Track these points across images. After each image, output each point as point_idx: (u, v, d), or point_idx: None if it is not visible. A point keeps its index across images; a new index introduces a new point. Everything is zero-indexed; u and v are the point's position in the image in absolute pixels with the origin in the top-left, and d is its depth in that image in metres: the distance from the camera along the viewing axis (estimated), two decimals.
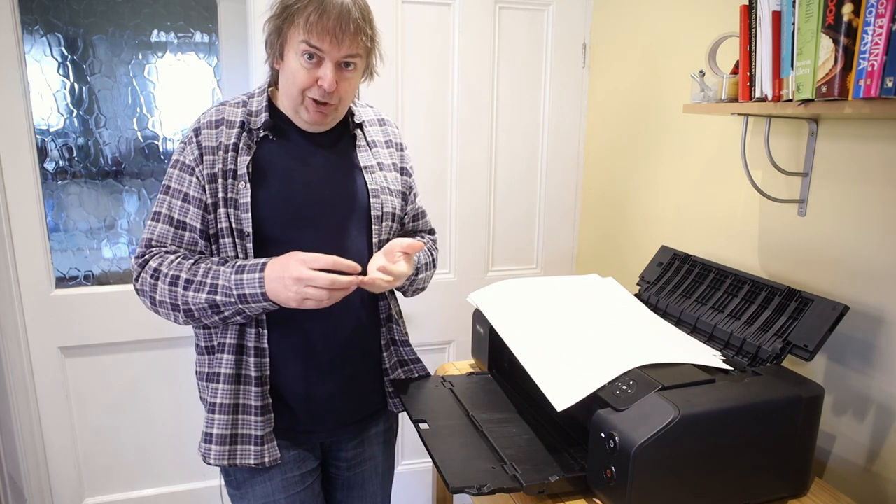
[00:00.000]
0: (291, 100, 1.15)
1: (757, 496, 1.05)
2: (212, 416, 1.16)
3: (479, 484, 0.99)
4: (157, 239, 1.15)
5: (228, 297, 1.08)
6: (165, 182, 1.17)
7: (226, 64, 1.94)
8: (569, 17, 2.08)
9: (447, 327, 2.18)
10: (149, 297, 1.12)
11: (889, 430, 1.16)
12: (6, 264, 1.79)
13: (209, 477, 2.11)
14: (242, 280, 1.07)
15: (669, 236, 1.78)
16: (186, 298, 1.09)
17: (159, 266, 1.11)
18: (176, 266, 1.11)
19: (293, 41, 1.10)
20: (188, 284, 1.09)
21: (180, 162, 1.16)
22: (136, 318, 1.93)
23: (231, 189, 1.14)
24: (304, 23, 1.07)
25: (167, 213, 1.15)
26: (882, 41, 0.91)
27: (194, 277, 1.09)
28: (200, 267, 1.11)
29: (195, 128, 1.17)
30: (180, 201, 1.15)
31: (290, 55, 1.11)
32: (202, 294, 1.08)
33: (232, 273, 1.08)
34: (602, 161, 2.11)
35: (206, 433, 1.17)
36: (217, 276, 1.09)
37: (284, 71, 1.14)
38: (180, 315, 1.11)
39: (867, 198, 1.19)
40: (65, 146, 1.85)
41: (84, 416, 1.97)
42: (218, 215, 1.14)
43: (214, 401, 1.16)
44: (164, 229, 1.15)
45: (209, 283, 1.09)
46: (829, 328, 1.10)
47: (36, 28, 1.77)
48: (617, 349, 1.14)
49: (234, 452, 1.17)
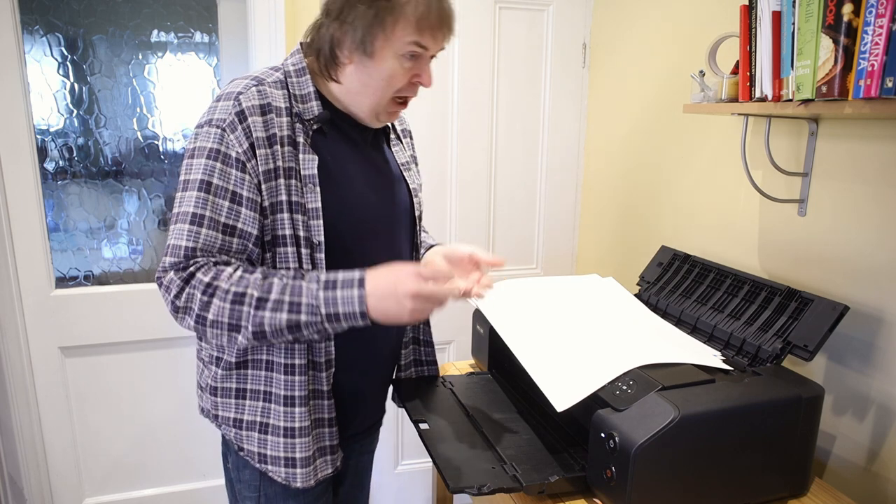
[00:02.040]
0: (375, 101, 1.03)
1: (757, 496, 1.05)
2: (291, 441, 1.05)
3: (479, 484, 0.99)
4: (202, 247, 0.95)
5: (314, 315, 0.93)
6: (200, 177, 0.96)
7: (226, 64, 1.94)
8: (569, 17, 2.08)
9: (447, 327, 2.18)
10: (196, 315, 0.94)
11: (889, 430, 1.16)
12: (6, 264, 1.79)
13: (209, 477, 2.11)
14: (336, 298, 0.92)
15: (669, 236, 1.78)
16: (260, 319, 0.92)
17: (214, 281, 0.93)
18: (238, 282, 0.93)
19: (398, 40, 0.97)
20: (261, 304, 0.92)
21: (222, 153, 0.96)
22: (136, 318, 1.93)
23: (295, 191, 1.00)
24: (416, 20, 0.95)
25: (212, 216, 0.95)
26: (882, 41, 0.91)
27: (268, 295, 0.93)
28: (274, 283, 0.94)
29: (237, 110, 0.97)
30: (228, 202, 0.96)
31: (385, 54, 0.98)
32: (282, 314, 0.92)
33: (320, 290, 0.93)
34: (602, 161, 2.11)
35: (288, 458, 1.06)
36: (299, 294, 0.93)
37: (369, 70, 1.00)
38: (243, 336, 0.94)
39: (867, 198, 1.19)
40: (65, 146, 1.85)
41: (84, 416, 1.96)
42: (277, 220, 1.00)
43: (292, 425, 1.05)
44: (211, 236, 0.96)
45: (289, 302, 0.93)
46: (829, 328, 1.10)
47: (36, 28, 1.77)
48: (617, 349, 1.14)
49: (317, 469, 1.09)
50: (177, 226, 0.96)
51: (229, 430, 1.09)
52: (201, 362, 1.13)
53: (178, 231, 0.95)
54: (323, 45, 1.01)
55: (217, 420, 1.10)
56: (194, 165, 0.97)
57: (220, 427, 1.10)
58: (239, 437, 1.08)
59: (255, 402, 1.06)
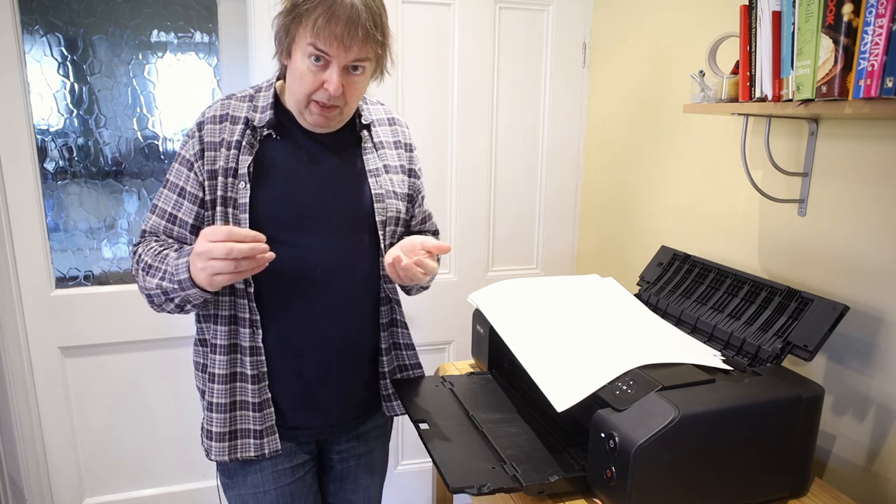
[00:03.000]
0: (296, 101, 1.13)
1: (757, 496, 1.05)
2: (210, 415, 1.18)
3: (479, 484, 0.99)
4: (150, 230, 1.17)
5: (172, 283, 1.06)
6: (167, 175, 1.18)
7: (226, 64, 1.94)
8: (569, 17, 2.08)
9: (447, 327, 2.18)
10: (141, 286, 1.13)
11: (889, 430, 1.16)
12: (6, 264, 1.79)
13: (209, 477, 2.11)
14: (178, 265, 1.06)
15: (669, 236, 1.78)
16: (147, 283, 1.10)
17: (142, 254, 1.13)
18: (148, 252, 1.13)
19: (300, 42, 1.07)
20: (148, 269, 1.10)
21: (181, 156, 1.16)
22: (136, 318, 1.93)
23: (231, 188, 1.13)
24: (311, 25, 1.04)
25: (162, 206, 1.17)
26: (882, 41, 0.91)
27: (153, 262, 1.10)
28: (163, 253, 1.11)
29: (199, 122, 1.16)
30: (175, 195, 1.15)
31: (296, 55, 1.09)
32: (154, 279, 1.09)
33: (177, 258, 1.07)
34: (602, 161, 2.11)
35: (207, 430, 1.19)
36: (166, 261, 1.09)
37: (291, 70, 1.12)
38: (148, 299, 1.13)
39: (867, 198, 1.19)
40: (65, 146, 1.85)
41: (84, 416, 1.96)
42: (215, 213, 1.13)
43: (212, 400, 1.17)
44: (157, 222, 1.17)
45: (161, 269, 1.08)
46: (829, 328, 1.10)
47: (36, 28, 1.77)
48: (617, 349, 1.14)
49: (235, 447, 1.18)
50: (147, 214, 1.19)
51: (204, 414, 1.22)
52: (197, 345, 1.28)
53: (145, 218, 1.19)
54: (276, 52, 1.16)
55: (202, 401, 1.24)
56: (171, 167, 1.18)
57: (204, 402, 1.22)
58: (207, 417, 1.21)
59: (203, 375, 1.23)
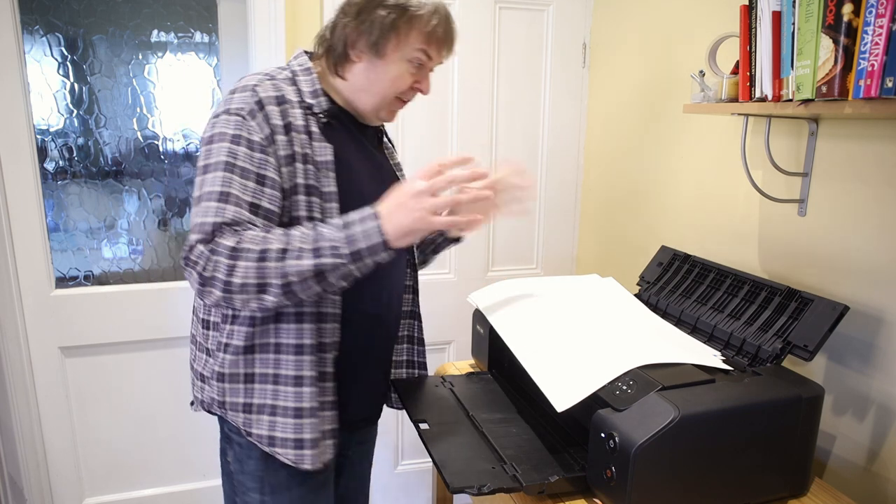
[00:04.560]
0: (380, 98, 1.11)
1: (757, 496, 1.05)
2: (300, 422, 1.08)
3: (479, 484, 0.99)
4: (230, 222, 0.96)
5: (338, 257, 0.94)
6: (224, 159, 0.99)
7: (226, 64, 1.94)
8: (569, 17, 2.08)
9: (447, 327, 2.18)
10: (222, 283, 0.94)
11: (889, 430, 1.16)
12: (6, 264, 1.79)
13: (209, 477, 2.11)
14: (356, 234, 0.95)
15: (669, 236, 1.78)
16: (285, 270, 0.93)
17: (238, 245, 0.94)
18: (262, 240, 0.94)
19: (406, 45, 1.06)
20: (284, 254, 0.94)
21: (244, 138, 1.00)
22: (136, 318, 1.93)
23: (311, 175, 1.05)
24: (427, 32, 1.06)
25: (238, 194, 0.98)
26: (882, 41, 0.91)
27: (289, 246, 0.94)
28: (294, 234, 0.96)
29: (256, 100, 1.02)
30: (254, 183, 1.00)
31: (394, 57, 1.07)
32: (306, 261, 0.94)
33: (340, 231, 0.96)
34: (602, 161, 2.11)
35: (297, 439, 1.08)
36: (320, 238, 0.95)
37: (377, 70, 1.08)
38: (272, 294, 0.95)
39: (867, 198, 1.19)
40: (65, 146, 1.85)
41: (84, 416, 1.97)
42: (294, 202, 1.04)
43: (301, 405, 1.07)
44: (237, 212, 0.97)
45: (311, 248, 0.94)
46: (829, 328, 1.10)
47: (36, 28, 1.77)
48: (617, 349, 1.14)
49: (325, 450, 1.11)
50: (202, 205, 0.97)
51: (237, 416, 1.10)
52: (204, 352, 1.14)
53: (205, 209, 0.96)
54: (337, 42, 1.09)
55: (223, 407, 1.10)
56: (214, 150, 0.99)
57: (227, 414, 1.11)
58: (248, 422, 1.09)
59: (264, 385, 1.08)
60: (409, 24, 1.05)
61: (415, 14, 1.05)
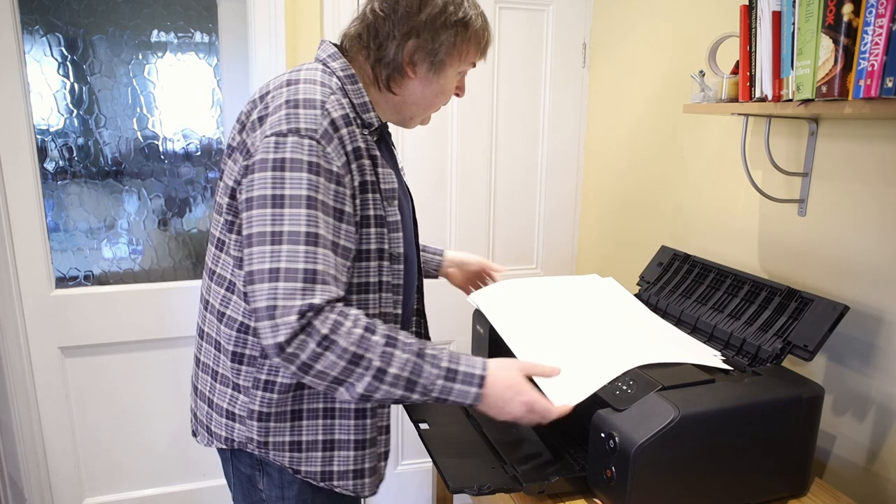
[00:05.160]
0: (426, 110, 1.10)
1: (757, 496, 1.05)
2: (362, 453, 1.06)
3: (479, 484, 0.99)
4: (322, 274, 0.87)
5: (425, 396, 0.94)
6: (306, 192, 0.88)
7: (226, 64, 1.94)
8: (569, 17, 2.08)
9: (447, 327, 2.18)
10: (301, 363, 0.87)
11: (889, 430, 1.16)
12: (6, 264, 1.79)
13: (209, 477, 2.11)
14: (451, 389, 0.94)
15: (669, 236, 1.78)
16: (374, 387, 0.90)
17: (332, 335, 0.87)
18: (359, 342, 0.88)
19: (464, 59, 1.06)
20: (381, 375, 0.90)
21: (322, 168, 0.90)
22: (136, 318, 1.93)
23: (378, 205, 1.00)
24: (483, 45, 1.07)
25: (325, 234, 0.89)
26: (882, 41, 0.91)
27: (388, 367, 0.90)
28: (394, 355, 0.91)
29: (329, 121, 0.93)
30: (334, 219, 0.91)
31: (451, 71, 1.06)
32: (397, 390, 0.91)
33: (439, 378, 0.93)
34: (602, 161, 2.11)
35: (357, 470, 1.06)
36: (418, 374, 0.92)
37: (432, 85, 1.05)
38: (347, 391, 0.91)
39: (867, 198, 1.19)
40: (65, 146, 1.85)
41: (84, 416, 1.96)
42: (364, 234, 0.98)
43: (363, 437, 1.05)
44: (330, 260, 0.89)
45: (406, 379, 0.91)
46: (829, 328, 1.10)
47: (36, 28, 1.77)
48: (617, 349, 1.14)
49: (382, 473, 1.12)
50: (287, 247, 0.86)
51: (282, 455, 1.04)
52: (230, 387, 1.05)
53: (292, 254, 0.86)
54: (388, 58, 1.02)
55: (265, 447, 1.03)
56: (289, 180, 0.88)
57: (269, 454, 1.04)
58: (296, 461, 1.04)
59: (314, 421, 1.04)
60: (468, 40, 1.04)
61: (474, 29, 1.04)
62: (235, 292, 1.02)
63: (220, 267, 1.04)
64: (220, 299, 1.04)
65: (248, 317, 1.02)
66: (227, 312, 1.03)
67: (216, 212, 1.05)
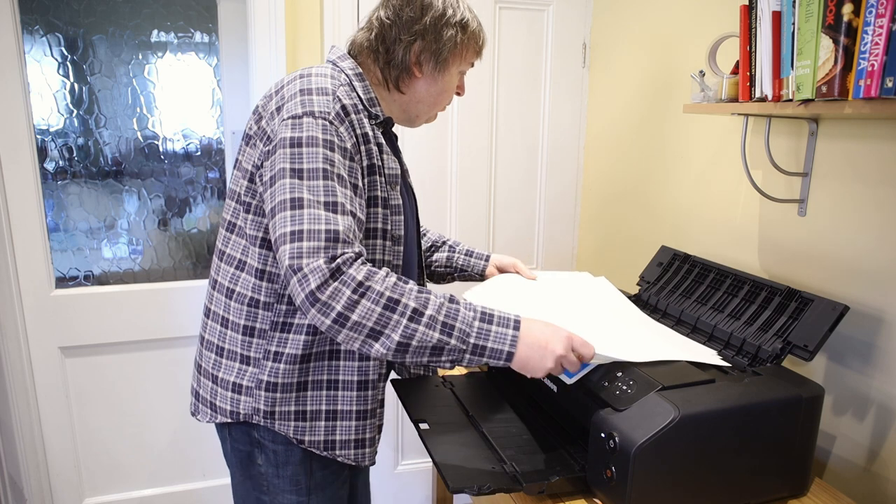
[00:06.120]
0: (432, 109, 1.18)
1: (757, 496, 1.05)
2: (363, 423, 1.11)
3: (479, 484, 0.99)
4: (344, 234, 0.91)
5: (462, 343, 0.94)
6: (322, 165, 0.94)
7: (226, 64, 1.94)
8: (569, 17, 2.08)
9: None
10: (337, 313, 0.88)
11: (889, 430, 1.16)
12: (6, 264, 1.79)
13: (209, 477, 2.11)
14: (489, 331, 0.95)
15: (669, 236, 1.78)
16: (412, 331, 0.91)
17: (367, 281, 0.89)
18: (393, 287, 0.91)
19: (465, 60, 1.15)
20: (416, 315, 0.91)
21: (336, 145, 0.96)
22: (136, 318, 1.93)
23: (381, 187, 1.06)
24: (480, 46, 1.16)
25: (343, 202, 0.94)
26: (882, 41, 0.91)
27: (424, 309, 0.92)
28: (430, 298, 0.94)
29: (340, 106, 1.00)
30: (350, 191, 0.96)
31: (451, 70, 1.14)
32: (434, 332, 0.92)
33: (476, 319, 0.95)
34: (602, 161, 2.11)
35: (359, 439, 1.11)
36: (454, 317, 0.94)
37: (437, 84, 1.14)
38: (381, 345, 0.91)
39: (867, 198, 1.19)
40: (65, 146, 1.85)
41: (84, 416, 1.97)
42: (373, 214, 1.06)
43: (365, 407, 1.11)
44: (349, 223, 0.93)
45: (442, 321, 0.93)
46: (829, 328, 1.10)
47: (36, 28, 1.77)
48: (619, 344, 1.14)
49: (377, 445, 1.17)
50: (307, 210, 0.91)
51: (286, 424, 1.07)
52: (237, 360, 1.08)
53: (313, 217, 0.90)
54: (396, 60, 1.10)
55: (271, 417, 1.07)
56: (307, 154, 0.94)
57: (274, 424, 1.07)
58: (300, 430, 1.08)
59: (319, 392, 1.09)
60: (467, 40, 1.12)
61: (472, 30, 1.12)
62: (245, 270, 1.07)
63: (231, 248, 1.09)
64: (229, 277, 1.09)
65: (257, 292, 1.06)
66: (237, 289, 1.08)
67: (229, 198, 1.10)
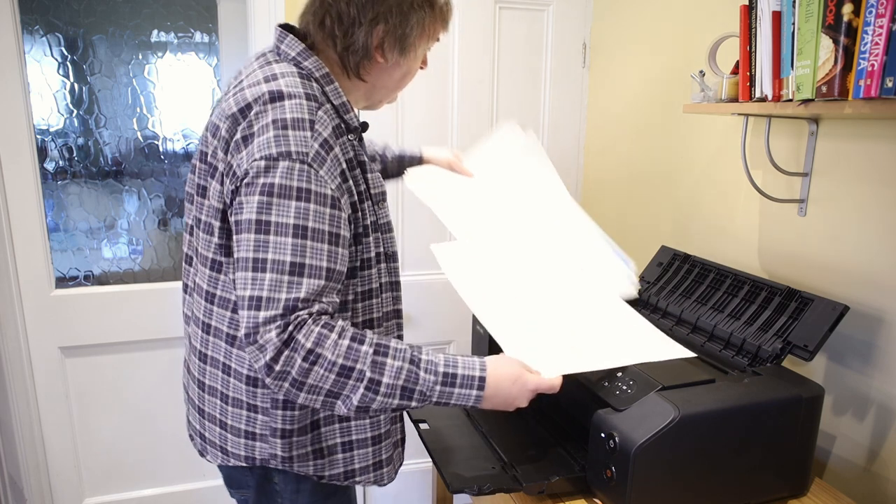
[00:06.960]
0: (393, 92, 1.08)
1: (757, 496, 1.05)
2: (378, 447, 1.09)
3: (479, 484, 0.99)
4: (304, 298, 0.86)
5: (423, 403, 0.93)
6: (293, 221, 0.86)
7: (226, 64, 1.94)
8: (569, 17, 2.08)
9: (447, 327, 2.18)
10: (292, 380, 0.86)
11: (889, 430, 1.16)
12: (6, 264, 1.79)
13: (209, 477, 2.11)
14: (451, 393, 0.93)
15: (669, 236, 1.78)
16: (370, 400, 0.89)
17: (317, 348, 0.86)
18: (346, 353, 0.88)
19: (432, 36, 1.04)
20: (374, 385, 0.89)
21: (314, 193, 0.88)
22: (135, 319, 1.93)
23: (371, 212, 1.00)
24: (447, 18, 1.05)
25: (312, 262, 0.87)
26: (882, 41, 0.91)
27: (381, 377, 0.89)
28: (386, 364, 0.90)
29: (321, 142, 0.90)
30: (328, 244, 0.89)
31: (418, 51, 1.04)
32: (393, 400, 0.90)
33: (437, 384, 0.92)
34: (602, 161, 2.11)
35: (376, 462, 1.09)
36: (414, 382, 0.91)
37: (400, 67, 1.03)
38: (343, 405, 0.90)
39: (867, 198, 1.19)
40: (65, 146, 1.85)
41: (84, 416, 1.96)
42: (366, 244, 0.99)
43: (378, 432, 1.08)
44: (313, 284, 0.87)
45: (402, 387, 0.90)
46: (829, 328, 1.10)
47: (36, 28, 1.77)
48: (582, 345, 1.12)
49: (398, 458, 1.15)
50: (269, 275, 0.85)
51: (306, 465, 1.04)
52: (244, 408, 1.03)
53: (275, 282, 0.85)
54: (356, 45, 0.98)
55: (290, 462, 1.03)
56: (276, 207, 0.86)
57: (293, 467, 1.03)
58: (319, 467, 1.05)
59: (332, 427, 1.04)
60: (435, 18, 1.02)
61: (439, 6, 1.02)
62: None
63: (221, 289, 1.00)
64: (226, 322, 1.01)
65: None
66: (239, 335, 1.00)
67: (205, 231, 0.98)
